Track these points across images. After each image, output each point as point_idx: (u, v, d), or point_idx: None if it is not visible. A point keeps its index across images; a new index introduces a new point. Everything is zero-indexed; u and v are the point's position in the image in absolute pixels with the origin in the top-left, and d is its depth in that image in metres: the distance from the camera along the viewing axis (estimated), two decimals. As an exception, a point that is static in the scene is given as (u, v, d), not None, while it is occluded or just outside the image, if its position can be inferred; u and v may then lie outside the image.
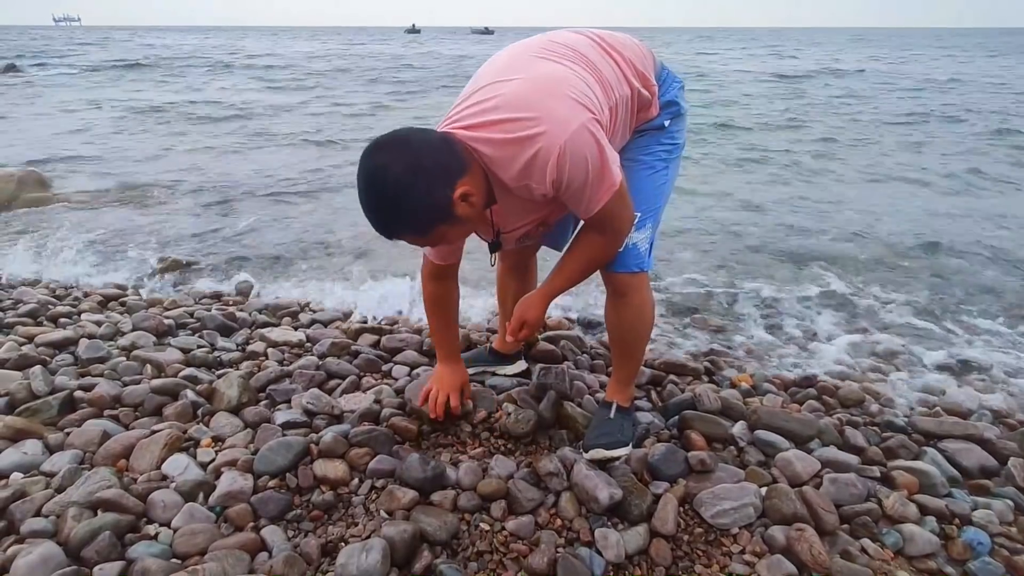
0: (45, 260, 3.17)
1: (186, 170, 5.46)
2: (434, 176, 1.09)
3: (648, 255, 1.42)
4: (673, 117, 1.41)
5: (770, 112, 9.58)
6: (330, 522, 1.33)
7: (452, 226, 1.16)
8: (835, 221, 4.09)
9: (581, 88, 1.15)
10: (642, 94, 1.32)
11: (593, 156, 1.12)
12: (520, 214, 1.32)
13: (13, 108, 9.59)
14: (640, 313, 1.48)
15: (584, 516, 1.35)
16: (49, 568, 1.10)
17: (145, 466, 1.44)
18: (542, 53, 1.22)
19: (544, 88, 1.13)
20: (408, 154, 1.08)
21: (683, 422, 1.67)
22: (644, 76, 1.32)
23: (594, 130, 1.12)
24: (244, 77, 15.57)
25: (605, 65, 1.25)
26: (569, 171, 1.11)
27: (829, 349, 2.39)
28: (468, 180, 1.13)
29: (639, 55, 1.34)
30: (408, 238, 1.17)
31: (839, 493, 1.42)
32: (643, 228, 1.38)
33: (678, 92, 1.43)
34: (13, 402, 1.67)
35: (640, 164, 1.39)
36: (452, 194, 1.10)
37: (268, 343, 2.20)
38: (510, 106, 1.12)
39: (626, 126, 1.34)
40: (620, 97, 1.26)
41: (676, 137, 1.43)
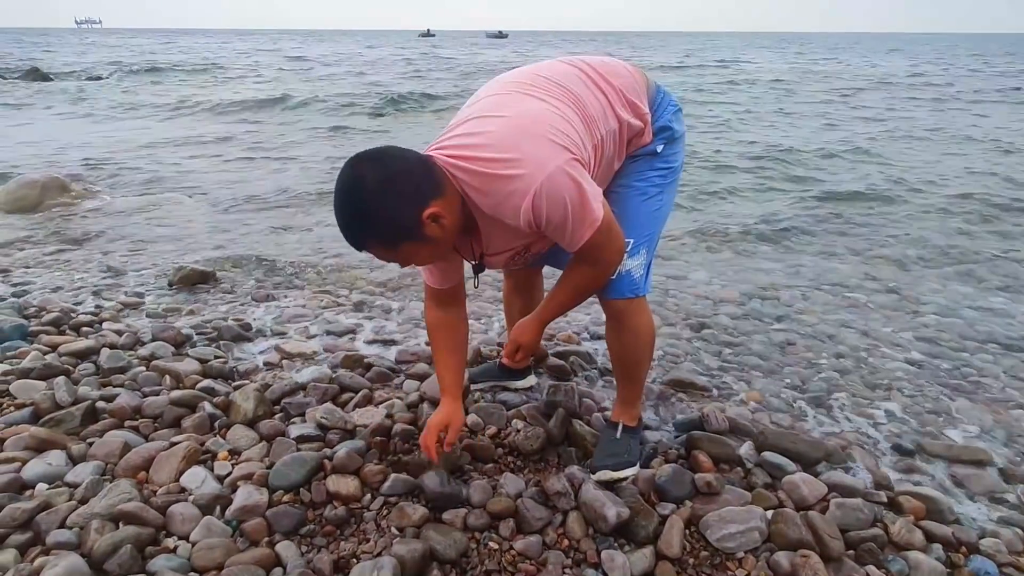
0: (65, 266, 3.25)
1: (219, 180, 5.55)
2: (405, 193, 1.13)
3: (644, 281, 1.44)
4: (668, 141, 1.43)
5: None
6: (342, 538, 1.36)
7: (421, 245, 1.19)
8: (846, 243, 4.07)
9: (562, 128, 1.18)
10: (631, 124, 1.34)
11: (572, 197, 1.14)
12: (504, 239, 1.34)
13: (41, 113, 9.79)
14: (637, 337, 1.50)
15: (591, 537, 1.37)
16: (74, 580, 1.14)
17: (164, 478, 1.49)
18: (528, 89, 1.26)
19: (525, 128, 1.17)
20: (384, 169, 1.14)
21: (690, 442, 1.69)
22: (635, 105, 1.35)
23: (572, 171, 1.14)
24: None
25: (592, 99, 1.28)
26: (547, 212, 1.14)
27: (841, 363, 2.39)
28: (441, 203, 1.16)
29: (630, 83, 1.36)
30: (376, 250, 1.21)
31: (845, 518, 1.42)
32: (636, 255, 1.40)
33: (672, 116, 1.44)
34: (38, 412, 1.72)
35: (634, 190, 1.41)
36: (421, 213, 1.14)
37: (283, 354, 2.24)
38: (493, 146, 1.16)
39: (615, 157, 1.37)
40: (607, 131, 1.30)
41: (671, 161, 1.45)
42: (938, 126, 9.11)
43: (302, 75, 18.22)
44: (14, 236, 3.79)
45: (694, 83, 16.40)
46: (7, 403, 1.78)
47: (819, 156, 6.85)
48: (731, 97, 13.34)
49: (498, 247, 1.37)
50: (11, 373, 1.91)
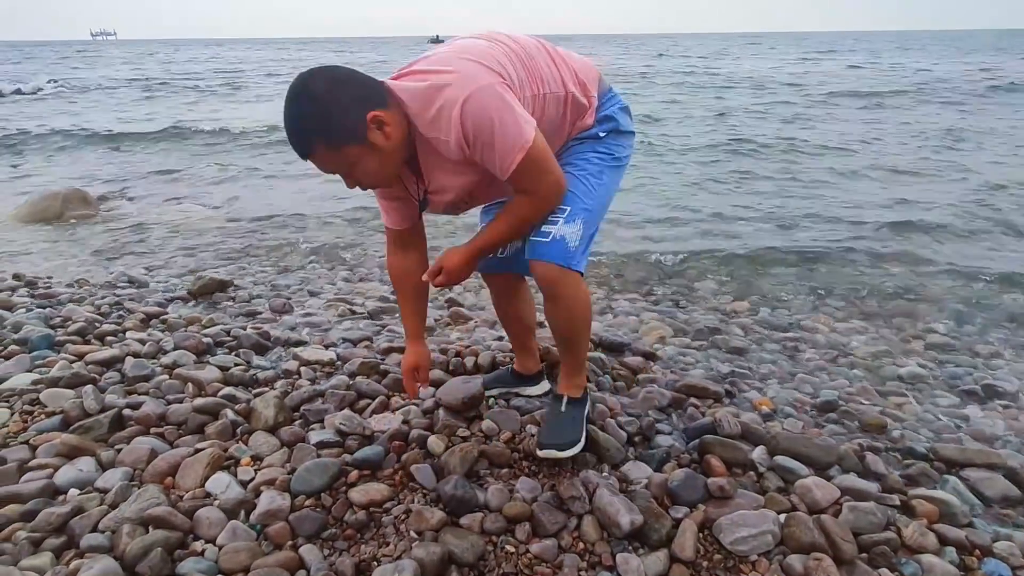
0: (88, 277, 3.33)
1: (238, 192, 5.64)
2: (350, 96, 1.20)
3: (579, 255, 1.42)
4: (611, 132, 1.50)
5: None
6: (363, 541, 1.39)
7: (364, 151, 1.24)
8: (864, 243, 4.07)
9: (501, 60, 1.26)
10: (577, 99, 1.42)
11: (500, 113, 1.20)
12: (446, 175, 1.37)
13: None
14: (571, 311, 1.49)
15: (606, 540, 1.40)
16: (108, 582, 1.19)
17: (190, 484, 1.53)
18: (479, 35, 1.36)
19: (461, 51, 1.26)
20: (332, 75, 1.22)
21: (703, 447, 1.71)
22: (584, 85, 1.44)
23: (501, 90, 1.21)
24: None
25: (542, 60, 1.37)
26: (473, 125, 1.19)
27: (852, 372, 2.40)
28: (385, 112, 1.22)
29: (584, 67, 1.47)
30: (321, 155, 1.24)
31: (858, 521, 1.44)
32: (572, 222, 1.39)
33: (617, 111, 1.52)
34: (67, 419, 1.78)
35: (573, 167, 1.46)
36: (365, 114, 1.20)
37: (301, 362, 2.29)
38: (430, 62, 1.25)
39: (558, 127, 1.44)
40: (551, 93, 1.37)
41: (613, 150, 1.51)
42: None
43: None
44: (38, 248, 3.89)
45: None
46: (38, 411, 1.84)
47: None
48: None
49: (440, 183, 1.39)
50: (41, 382, 1.97)
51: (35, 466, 1.57)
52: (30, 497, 1.44)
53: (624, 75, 19.06)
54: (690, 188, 5.64)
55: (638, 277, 3.41)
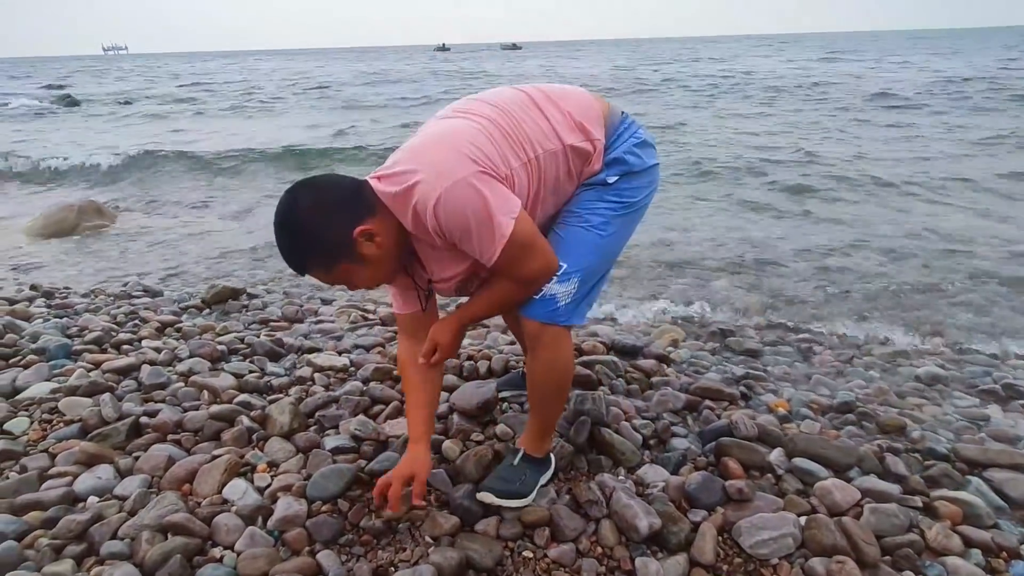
0: (103, 286, 3.37)
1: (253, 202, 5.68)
2: (336, 213, 1.18)
3: (570, 311, 1.34)
4: (623, 175, 1.37)
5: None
6: (379, 547, 1.39)
7: (357, 266, 1.23)
8: (873, 244, 4.03)
9: (477, 141, 1.19)
10: (578, 147, 1.31)
11: (475, 209, 1.14)
12: (445, 263, 1.32)
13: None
14: (549, 369, 1.40)
15: (624, 544, 1.39)
16: (129, 589, 1.19)
17: (207, 490, 1.54)
18: (459, 110, 1.30)
19: (433, 141, 1.22)
20: (316, 192, 1.21)
21: (720, 449, 1.69)
22: (584, 128, 1.32)
23: (478, 183, 1.14)
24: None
25: (529, 120, 1.28)
26: (446, 222, 1.16)
27: (868, 373, 2.37)
28: (374, 221, 1.20)
29: (582, 107, 1.34)
30: (316, 272, 1.25)
31: (880, 524, 1.42)
32: (566, 282, 1.32)
33: (631, 148, 1.38)
34: (86, 427, 1.79)
35: (576, 217, 1.37)
36: (352, 230, 1.18)
37: (314, 368, 2.30)
38: (401, 161, 1.21)
39: (561, 181, 1.34)
40: (545, 152, 1.28)
41: (625, 195, 1.38)
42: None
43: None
44: (55, 259, 3.94)
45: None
46: (57, 419, 1.86)
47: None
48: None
49: (442, 272, 1.35)
50: (59, 390, 1.99)
51: (55, 474, 1.58)
52: (51, 504, 1.45)
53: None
54: (701, 190, 5.62)
55: (650, 278, 3.40)
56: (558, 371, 1.42)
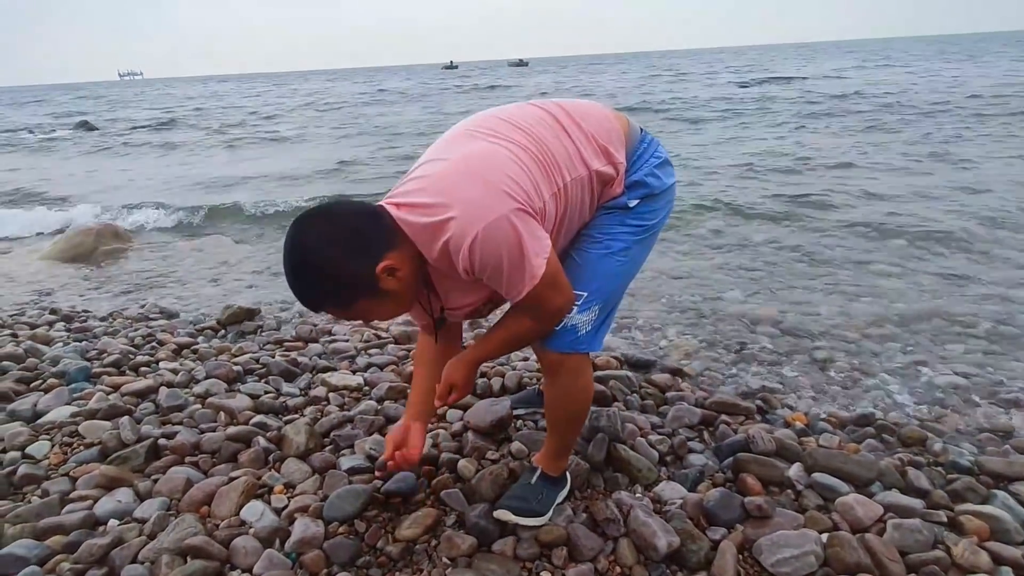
0: (121, 310, 3.42)
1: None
2: (355, 247, 1.09)
3: (590, 339, 1.32)
4: (645, 198, 1.34)
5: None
6: (397, 568, 1.39)
7: (377, 301, 1.15)
8: (892, 247, 3.99)
9: (512, 173, 1.12)
10: (602, 172, 1.27)
11: (510, 249, 1.09)
12: (461, 294, 1.29)
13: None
14: (567, 396, 1.39)
15: (643, 563, 1.37)
16: (150, 613, 1.20)
17: (225, 512, 1.55)
18: (484, 131, 1.21)
19: (467, 172, 1.12)
20: (330, 225, 1.10)
21: (737, 465, 1.68)
22: (607, 152, 1.27)
23: (516, 221, 1.08)
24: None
25: (557, 144, 1.22)
26: (480, 262, 1.09)
27: (887, 385, 2.34)
28: (395, 255, 1.12)
29: (605, 128, 1.29)
30: (332, 311, 1.18)
31: (904, 540, 1.39)
32: (587, 310, 1.30)
33: (652, 170, 1.35)
34: (105, 450, 1.81)
35: (596, 244, 1.33)
36: (375, 267, 1.10)
37: (329, 388, 2.31)
38: (430, 190, 1.12)
39: (584, 206, 1.30)
40: (572, 179, 1.22)
41: (645, 218, 1.35)
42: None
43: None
44: (73, 282, 4.01)
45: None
46: (77, 443, 1.88)
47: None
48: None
49: (457, 301, 1.31)
50: (79, 414, 2.02)
51: (76, 497, 1.60)
52: (72, 528, 1.47)
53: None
54: (716, 198, 5.61)
55: (662, 290, 3.39)
56: (577, 398, 1.40)
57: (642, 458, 1.70)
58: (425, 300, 1.30)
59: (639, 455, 1.71)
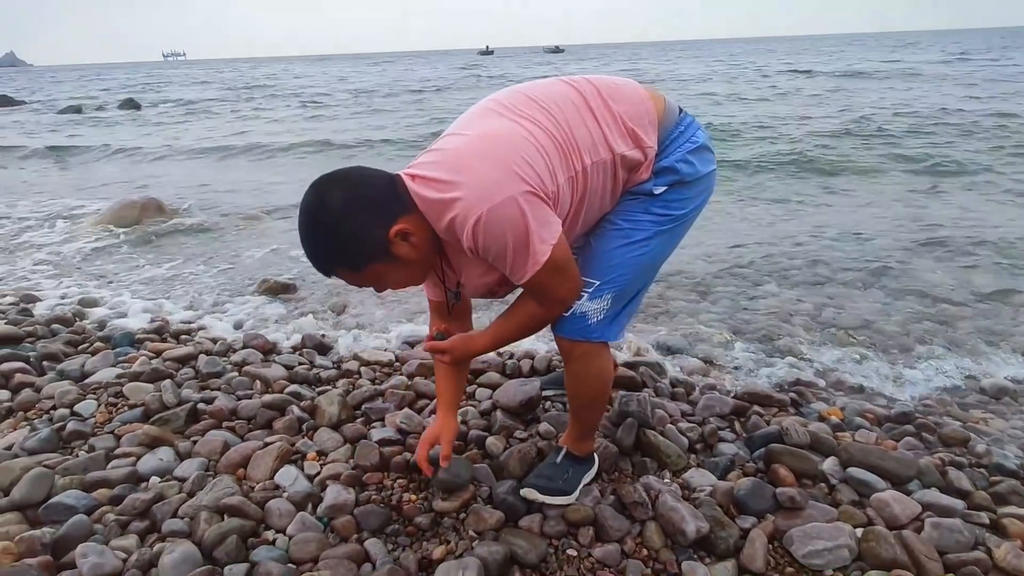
0: (163, 279, 3.53)
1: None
2: (370, 210, 1.09)
3: (603, 328, 1.29)
4: (673, 185, 1.27)
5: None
6: (424, 538, 1.41)
7: (390, 267, 1.15)
8: (939, 247, 3.85)
9: (527, 154, 1.09)
10: (628, 157, 1.21)
11: (515, 231, 1.07)
12: (475, 272, 1.26)
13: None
14: (581, 382, 1.39)
15: (670, 547, 1.37)
16: (189, 566, 1.25)
17: (260, 475, 1.59)
18: (506, 108, 1.18)
19: (481, 150, 1.10)
20: (346, 187, 1.10)
21: (770, 456, 1.65)
22: (635, 135, 1.22)
23: (524, 204, 1.06)
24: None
25: (581, 126, 1.18)
26: (484, 242, 1.08)
27: (929, 383, 2.27)
28: (409, 219, 1.11)
29: (636, 109, 1.23)
30: (343, 274, 1.16)
31: (943, 539, 1.35)
32: (598, 298, 1.26)
33: (685, 156, 1.27)
34: (148, 411, 1.88)
35: (617, 230, 1.28)
36: (388, 230, 1.10)
37: (361, 362, 2.35)
38: (443, 165, 1.11)
39: (607, 191, 1.25)
40: (594, 163, 1.18)
41: (673, 207, 1.28)
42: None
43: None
44: (119, 253, 4.15)
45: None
46: (121, 403, 1.96)
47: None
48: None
49: (472, 278, 1.29)
50: (124, 376, 2.10)
51: (120, 454, 1.67)
52: (117, 483, 1.54)
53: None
54: (751, 190, 5.49)
55: (696, 278, 3.33)
56: (591, 384, 1.39)
57: (672, 444, 1.69)
58: (440, 271, 1.29)
59: (669, 441, 1.70)
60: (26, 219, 5.15)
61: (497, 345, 1.36)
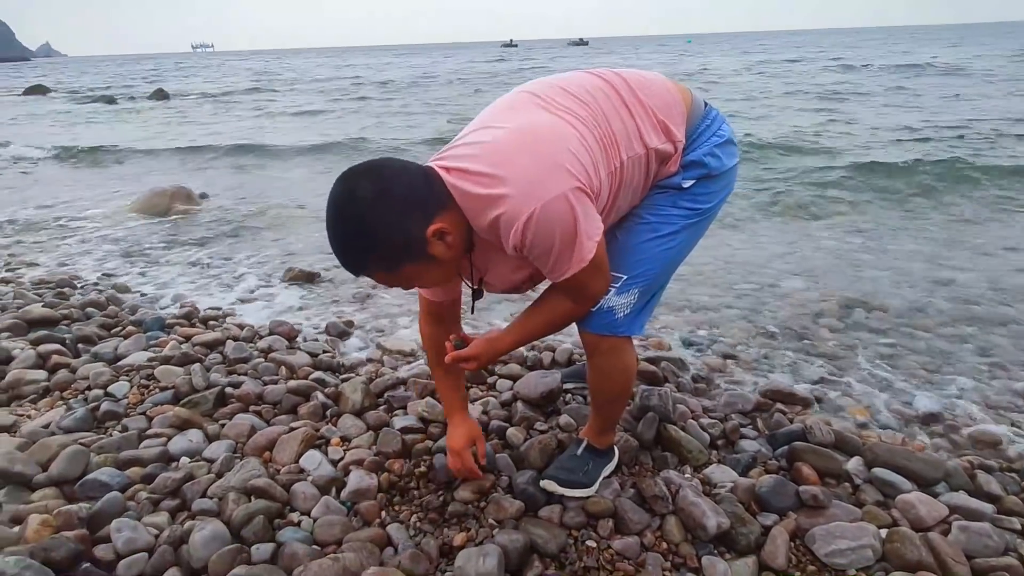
0: (191, 266, 3.61)
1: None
2: (405, 206, 1.02)
3: (629, 322, 1.28)
4: (701, 179, 1.26)
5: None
6: (446, 525, 1.43)
7: (424, 266, 1.09)
8: (973, 245, 3.75)
9: (574, 148, 1.06)
10: (660, 151, 1.20)
11: (564, 229, 1.04)
12: (504, 270, 1.24)
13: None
14: (605, 377, 1.37)
15: (690, 542, 1.37)
16: (218, 543, 1.29)
17: (286, 459, 1.63)
18: (543, 101, 1.14)
19: (527, 144, 1.06)
20: (381, 181, 1.02)
21: (793, 454, 1.63)
22: (667, 128, 1.21)
23: (574, 200, 1.03)
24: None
25: (617, 119, 1.16)
26: (532, 240, 1.04)
27: (958, 384, 2.21)
28: (446, 217, 1.06)
29: (666, 102, 1.22)
30: (375, 275, 1.11)
31: (971, 543, 1.33)
32: (625, 293, 1.25)
33: (712, 149, 1.26)
34: (178, 394, 1.93)
35: (644, 224, 1.27)
36: (426, 229, 1.04)
37: (383, 351, 2.38)
38: (486, 158, 1.06)
39: (638, 185, 1.24)
40: (629, 158, 1.17)
41: (700, 201, 1.27)
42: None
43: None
44: (149, 239, 4.25)
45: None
46: (152, 385, 2.02)
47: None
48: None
49: (499, 275, 1.26)
50: (155, 359, 2.16)
51: (151, 434, 1.72)
52: (149, 462, 1.58)
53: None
54: (774, 184, 5.40)
55: (717, 274, 3.30)
56: (615, 379, 1.38)
57: (693, 439, 1.68)
58: (467, 270, 1.24)
59: (690, 436, 1.69)
60: (61, 207, 5.30)
61: (523, 343, 1.35)
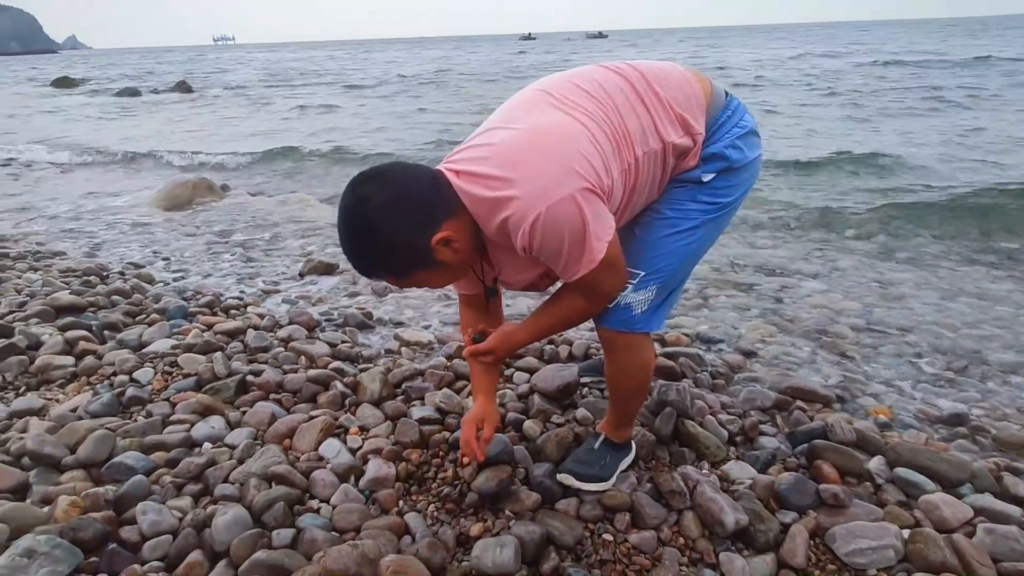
0: (213, 256, 3.66)
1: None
2: (414, 215, 1.05)
3: (647, 319, 1.27)
4: (722, 172, 1.23)
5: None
6: (463, 515, 1.44)
7: (432, 272, 1.13)
8: (998, 248, 3.66)
9: (584, 149, 1.06)
10: (677, 144, 1.18)
11: (573, 230, 1.04)
12: (516, 269, 1.25)
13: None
14: (623, 373, 1.37)
15: (707, 538, 1.36)
16: (240, 527, 1.31)
17: (305, 447, 1.65)
18: (556, 99, 1.13)
19: (536, 146, 1.06)
20: (390, 189, 1.05)
21: (813, 452, 1.61)
22: (684, 121, 1.18)
23: (582, 201, 1.03)
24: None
25: (632, 115, 1.14)
26: (540, 241, 1.05)
27: (984, 386, 2.17)
28: (453, 224, 1.08)
29: (684, 94, 1.20)
30: (387, 278, 1.15)
31: (997, 546, 1.30)
32: (643, 289, 1.24)
33: (733, 141, 1.24)
34: (200, 381, 1.97)
35: (663, 219, 1.25)
36: (432, 237, 1.06)
37: (401, 342, 2.39)
38: (495, 160, 1.07)
39: (655, 180, 1.23)
40: (644, 153, 1.15)
41: (720, 195, 1.25)
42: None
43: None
44: (171, 229, 4.32)
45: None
46: (176, 372, 2.05)
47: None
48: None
49: (512, 275, 1.27)
50: (178, 347, 2.20)
51: (175, 420, 1.76)
52: (173, 447, 1.62)
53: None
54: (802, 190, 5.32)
55: (737, 272, 3.26)
56: (633, 375, 1.38)
57: (711, 435, 1.67)
58: (479, 269, 1.27)
59: (708, 432, 1.68)
60: (87, 199, 5.40)
61: (538, 338, 1.35)
